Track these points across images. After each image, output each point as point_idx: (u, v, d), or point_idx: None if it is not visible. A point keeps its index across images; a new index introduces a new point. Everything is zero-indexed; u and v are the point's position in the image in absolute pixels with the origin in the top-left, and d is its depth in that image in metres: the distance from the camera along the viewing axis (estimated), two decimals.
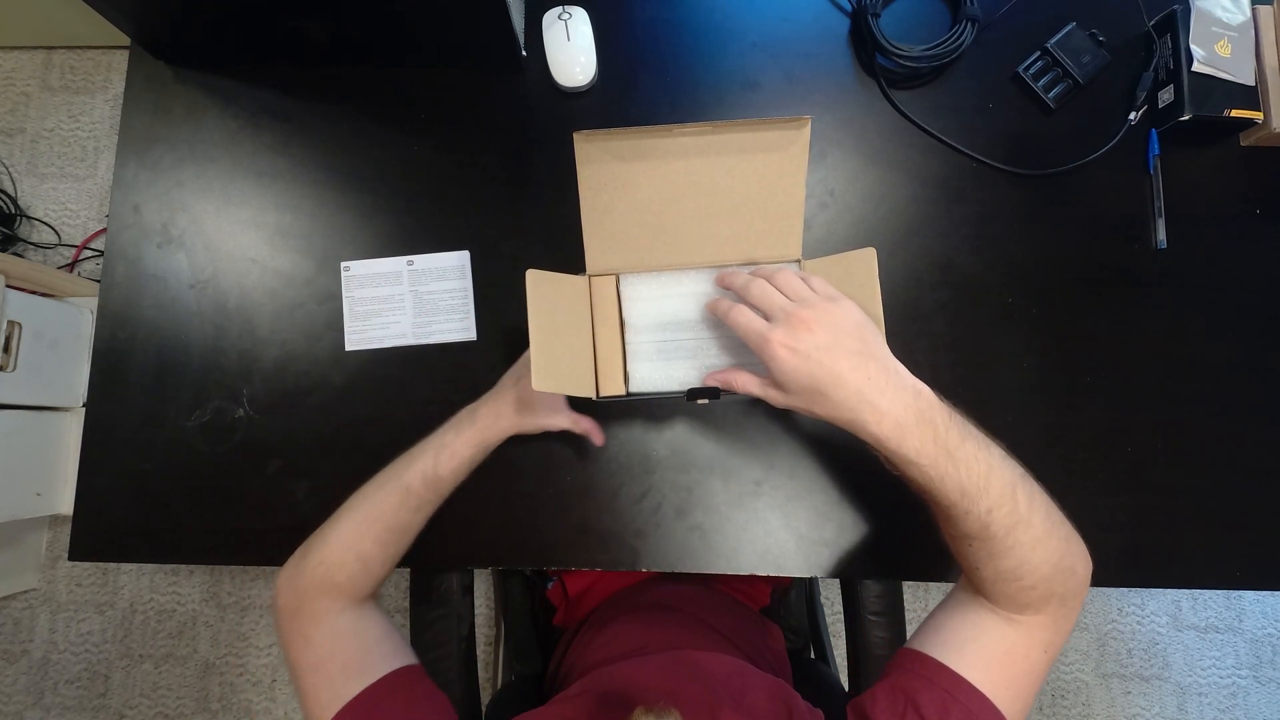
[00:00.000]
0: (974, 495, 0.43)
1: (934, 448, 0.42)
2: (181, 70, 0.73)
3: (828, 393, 0.42)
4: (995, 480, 0.43)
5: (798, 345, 0.43)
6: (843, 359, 0.42)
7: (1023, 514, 0.43)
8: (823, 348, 0.43)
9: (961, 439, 0.43)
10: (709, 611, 0.71)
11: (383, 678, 0.49)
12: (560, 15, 0.70)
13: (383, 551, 0.56)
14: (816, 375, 0.42)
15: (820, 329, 0.43)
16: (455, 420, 0.59)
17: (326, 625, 0.53)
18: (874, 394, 0.42)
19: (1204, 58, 0.68)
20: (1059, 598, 0.46)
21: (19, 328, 1.18)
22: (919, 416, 0.43)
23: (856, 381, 0.42)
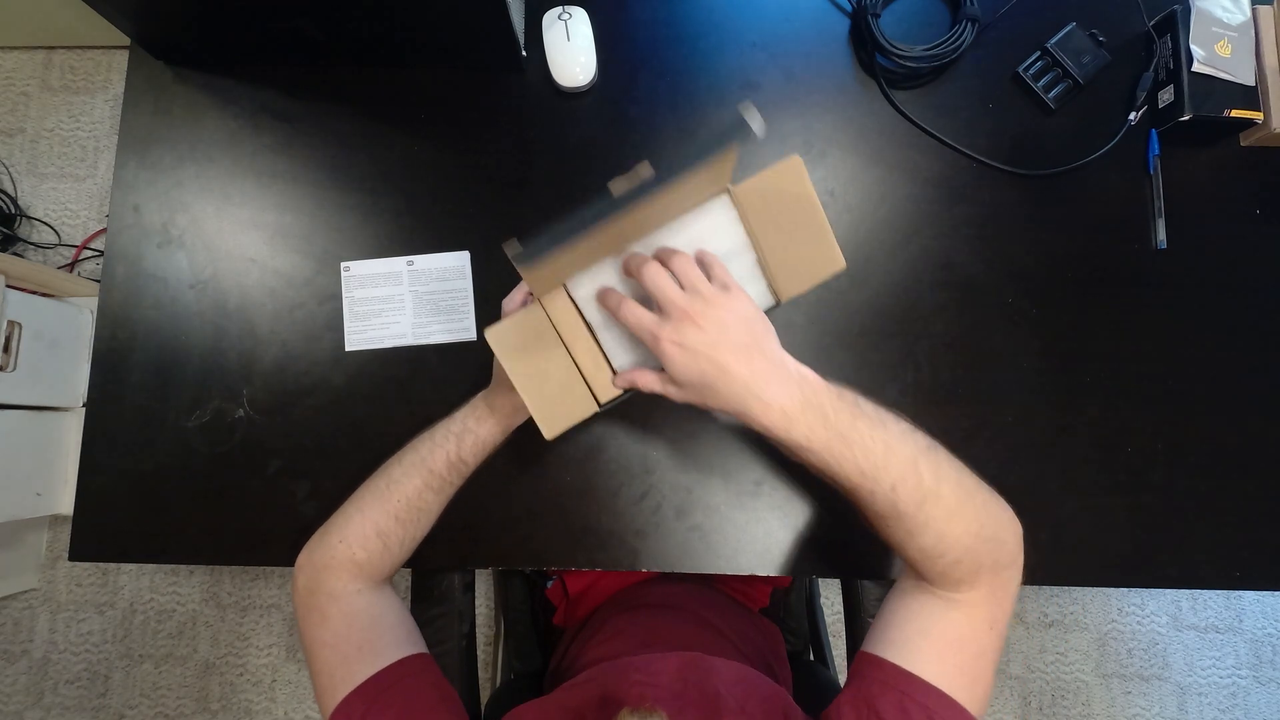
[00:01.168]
0: (873, 474, 0.43)
1: (824, 432, 0.43)
2: (181, 70, 0.73)
3: (716, 387, 0.44)
4: (894, 457, 0.44)
5: (685, 342, 0.44)
6: (728, 354, 0.43)
7: (929, 487, 0.44)
8: (709, 344, 0.43)
9: (853, 420, 0.44)
10: (710, 611, 0.71)
11: (395, 663, 0.50)
12: (560, 15, 0.70)
13: (402, 530, 0.56)
14: (705, 371, 0.43)
15: (708, 324, 0.44)
16: (472, 407, 0.59)
17: (344, 604, 0.53)
18: (759, 386, 0.43)
19: (1204, 58, 0.68)
20: (989, 569, 0.46)
21: (19, 328, 1.18)
22: (805, 403, 0.43)
23: (742, 375, 0.43)
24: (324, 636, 0.52)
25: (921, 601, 0.47)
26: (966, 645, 0.46)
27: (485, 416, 0.58)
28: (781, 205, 0.50)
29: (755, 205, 0.51)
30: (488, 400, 0.59)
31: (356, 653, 0.50)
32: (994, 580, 0.46)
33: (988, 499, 0.47)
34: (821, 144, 0.72)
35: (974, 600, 0.46)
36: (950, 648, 0.45)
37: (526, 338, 0.50)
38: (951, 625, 0.46)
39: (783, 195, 0.50)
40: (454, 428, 0.58)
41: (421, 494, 0.57)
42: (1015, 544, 0.47)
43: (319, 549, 0.56)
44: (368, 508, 0.56)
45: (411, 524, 0.57)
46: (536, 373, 0.50)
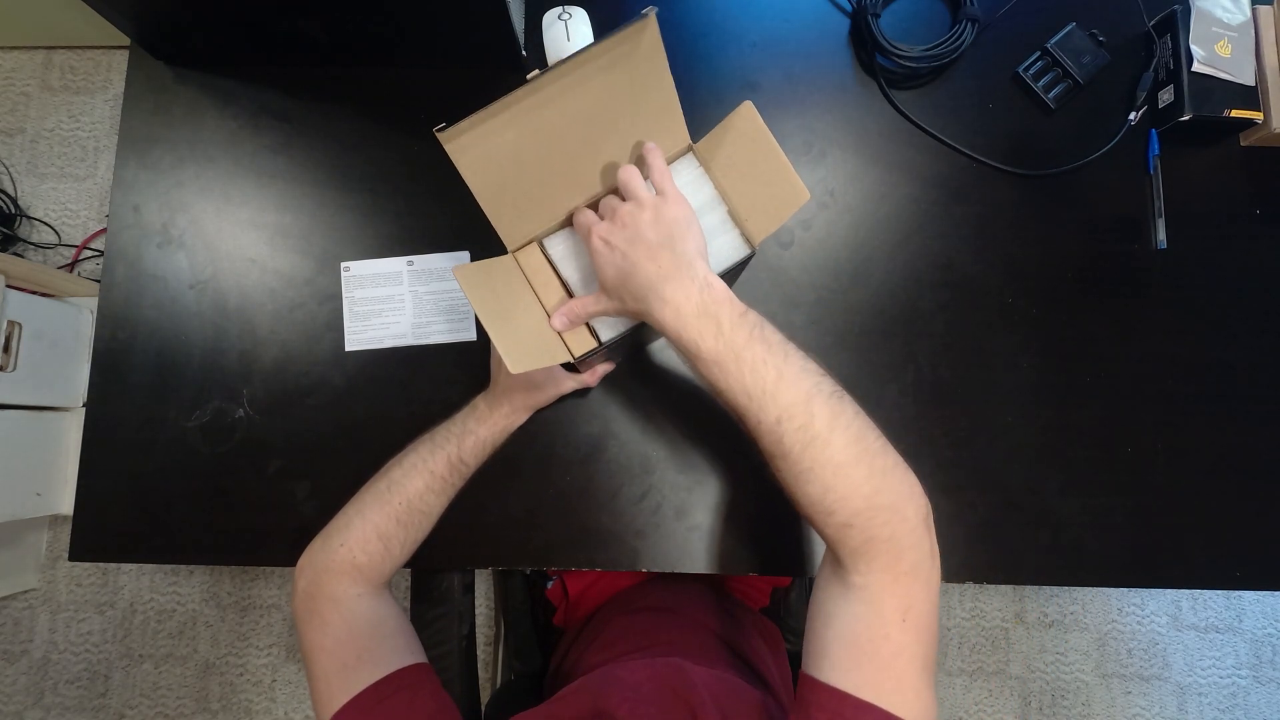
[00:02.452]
0: (760, 401, 0.42)
1: (714, 342, 0.43)
2: (181, 70, 0.73)
3: (626, 283, 0.45)
4: (786, 389, 0.42)
5: (610, 238, 0.46)
6: (641, 249, 0.45)
7: (819, 431, 0.42)
8: (627, 239, 0.46)
9: (749, 340, 0.43)
10: (709, 614, 0.70)
11: (394, 673, 0.50)
12: (560, 15, 0.70)
13: (404, 533, 0.56)
14: (620, 266, 0.46)
15: (632, 223, 0.46)
16: (471, 409, 0.59)
17: (345, 609, 0.53)
18: (660, 282, 0.44)
19: (1204, 58, 0.68)
20: (886, 543, 0.42)
21: (19, 328, 1.18)
22: (702, 309, 0.44)
23: (648, 271, 0.45)
24: (323, 642, 0.52)
25: (833, 596, 0.45)
26: (880, 645, 0.42)
27: (485, 417, 0.58)
28: (741, 150, 0.52)
29: (717, 156, 0.53)
30: (488, 401, 0.59)
31: (355, 661, 0.50)
32: (895, 563, 0.42)
33: (890, 465, 0.44)
34: (821, 144, 0.72)
35: (876, 588, 0.43)
36: (865, 650, 0.42)
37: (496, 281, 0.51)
38: (861, 623, 0.43)
39: (740, 139, 0.52)
40: (454, 429, 0.58)
41: (423, 496, 0.57)
42: (917, 520, 0.43)
43: (320, 552, 0.55)
44: (368, 510, 0.56)
45: (413, 526, 0.57)
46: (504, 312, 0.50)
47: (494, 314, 0.48)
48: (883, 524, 0.42)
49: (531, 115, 0.48)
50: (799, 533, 0.65)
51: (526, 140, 0.49)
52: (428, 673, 0.52)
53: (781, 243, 0.70)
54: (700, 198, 0.53)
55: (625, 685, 0.52)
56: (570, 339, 0.52)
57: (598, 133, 0.51)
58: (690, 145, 0.54)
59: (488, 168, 0.49)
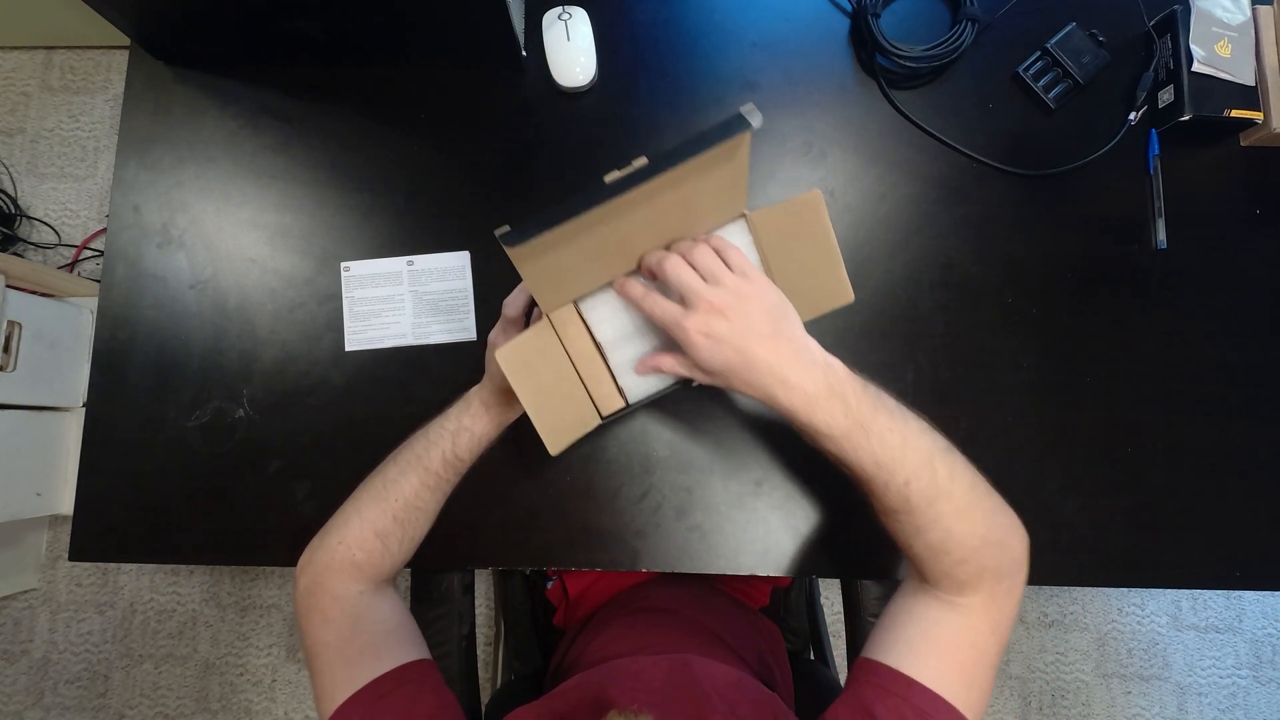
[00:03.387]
0: (889, 467, 0.44)
1: (845, 420, 0.44)
2: (181, 70, 0.73)
3: (742, 374, 0.45)
4: (911, 452, 0.44)
5: (712, 332, 0.44)
6: (754, 342, 0.44)
7: (943, 486, 0.45)
8: (736, 332, 0.44)
9: (874, 411, 0.45)
10: (709, 614, 0.71)
11: (396, 668, 0.50)
12: (560, 15, 0.70)
13: (401, 530, 0.56)
14: (731, 360, 0.44)
15: (733, 314, 0.44)
16: (465, 404, 0.59)
17: (348, 606, 0.53)
18: (784, 370, 0.44)
19: (1204, 58, 0.68)
20: (993, 573, 0.46)
21: (19, 328, 1.18)
22: (829, 390, 0.44)
23: (767, 361, 0.44)
24: (326, 638, 0.52)
25: (923, 605, 0.47)
26: (965, 649, 0.46)
27: (480, 414, 0.58)
28: (797, 236, 0.50)
29: (770, 233, 0.51)
30: (482, 397, 0.59)
31: (358, 656, 0.50)
32: (996, 586, 0.46)
33: (998, 506, 0.48)
34: (821, 144, 0.72)
35: (975, 605, 0.46)
36: (949, 651, 0.45)
37: (533, 355, 0.50)
38: (951, 628, 0.46)
39: (799, 226, 0.50)
40: (449, 425, 0.58)
41: (419, 493, 0.56)
42: (1021, 552, 0.48)
43: (319, 551, 0.55)
44: (365, 509, 0.56)
45: (410, 524, 0.57)
46: (543, 390, 0.50)
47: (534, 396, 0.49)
48: (993, 558, 0.46)
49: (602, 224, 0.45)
50: (799, 534, 0.65)
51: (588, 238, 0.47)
52: (430, 668, 0.52)
53: None
54: None
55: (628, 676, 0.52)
56: (600, 400, 0.52)
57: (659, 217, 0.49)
58: (744, 213, 0.52)
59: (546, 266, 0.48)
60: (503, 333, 0.56)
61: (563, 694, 0.53)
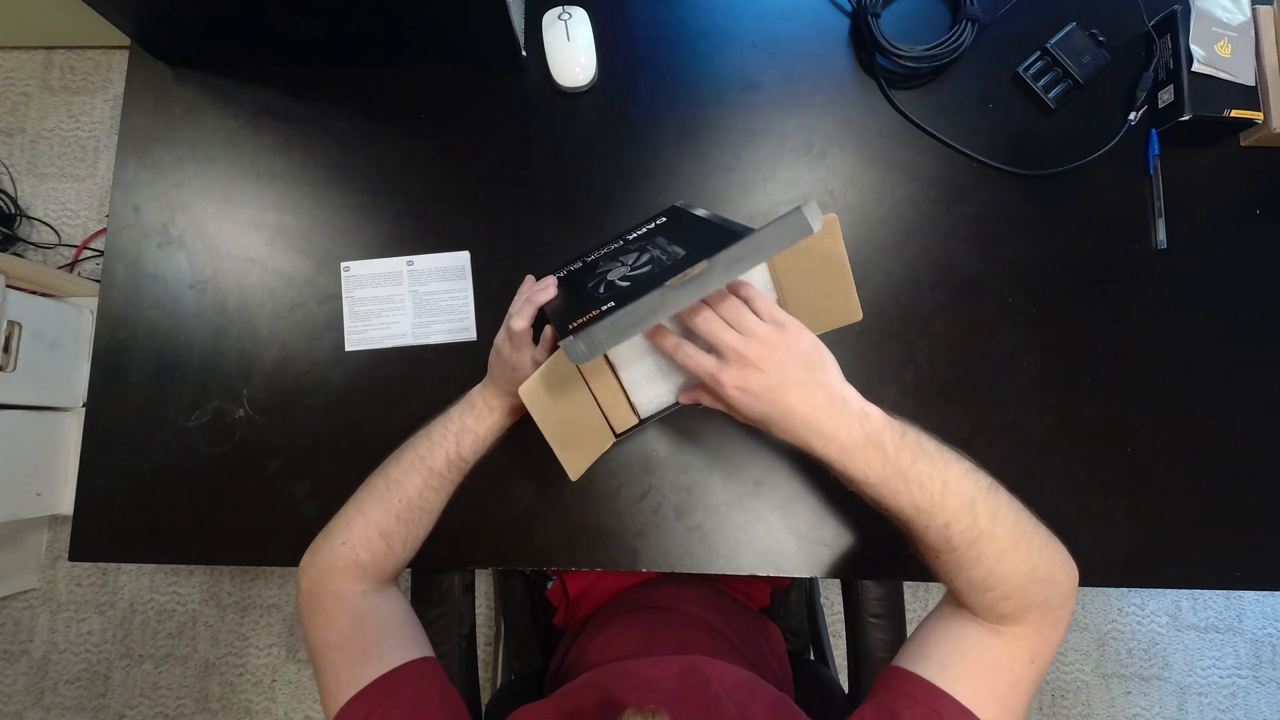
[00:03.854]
0: (929, 511, 0.44)
1: (883, 469, 0.44)
2: (181, 70, 0.73)
3: (779, 424, 0.45)
4: (951, 496, 0.44)
5: (748, 386, 0.44)
6: (791, 393, 0.44)
7: (984, 527, 0.44)
8: (772, 386, 0.44)
9: (914, 459, 0.44)
10: (710, 613, 0.70)
11: (401, 665, 0.50)
12: (560, 15, 0.70)
13: (405, 530, 0.57)
14: (768, 412, 0.45)
15: (768, 367, 0.44)
16: (468, 404, 0.59)
17: (350, 605, 0.53)
18: (820, 421, 0.44)
19: (1204, 58, 0.68)
20: (1039, 607, 0.45)
21: (19, 328, 1.18)
22: (866, 440, 0.44)
23: (804, 412, 0.44)
24: (330, 638, 0.52)
25: (963, 626, 0.47)
26: (1002, 673, 0.45)
27: (484, 415, 0.58)
28: (810, 258, 0.51)
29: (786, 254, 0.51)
30: (485, 398, 0.59)
31: (362, 655, 0.50)
32: (1043, 619, 0.46)
33: (1045, 541, 0.47)
34: (821, 144, 0.72)
35: (1018, 633, 0.46)
36: (986, 672, 0.45)
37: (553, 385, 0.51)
38: (989, 650, 0.46)
39: (813, 249, 0.50)
40: (452, 426, 0.58)
41: (422, 493, 0.57)
42: (1069, 587, 0.47)
43: (322, 551, 0.55)
44: (369, 509, 0.56)
45: (414, 523, 0.57)
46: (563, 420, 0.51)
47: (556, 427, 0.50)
48: (1039, 593, 0.45)
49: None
50: (799, 534, 0.65)
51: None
52: (434, 665, 0.53)
53: None
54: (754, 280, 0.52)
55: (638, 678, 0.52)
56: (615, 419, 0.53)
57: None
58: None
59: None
60: (508, 342, 0.56)
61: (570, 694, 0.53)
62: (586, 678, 0.55)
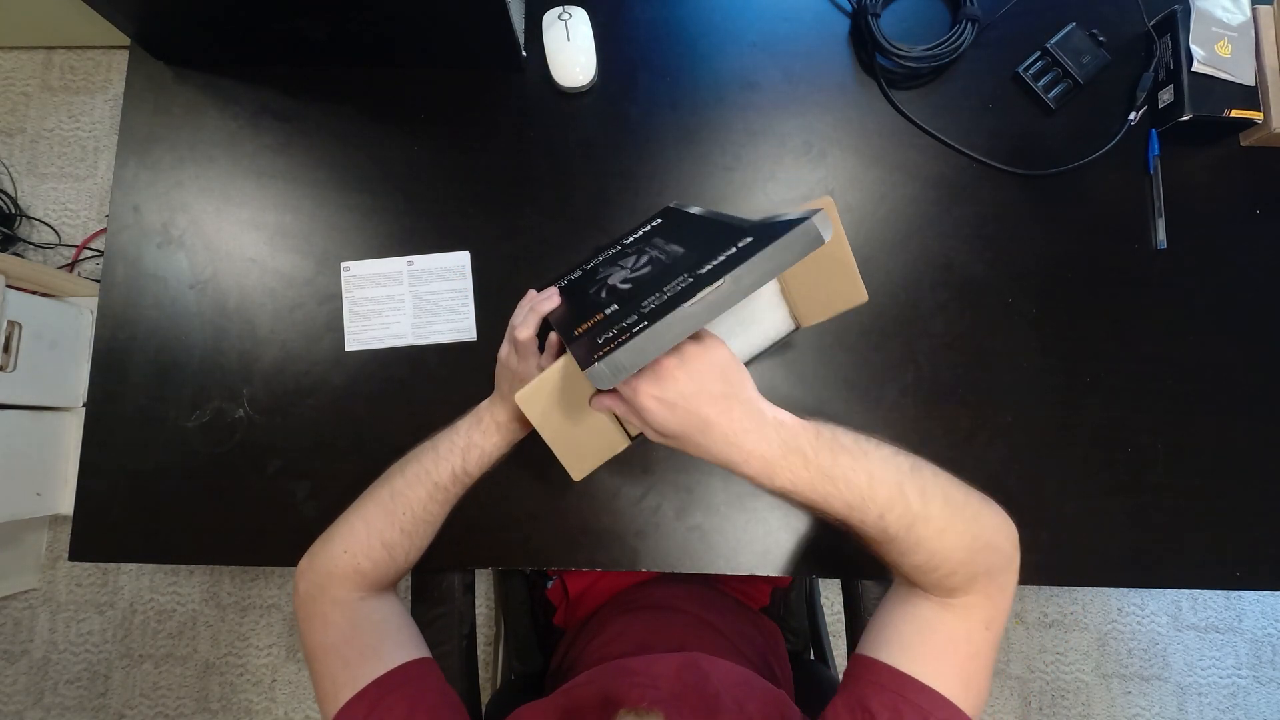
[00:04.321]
0: (861, 507, 0.43)
1: (807, 473, 0.43)
2: (181, 70, 0.73)
3: (697, 439, 0.43)
4: (879, 487, 0.44)
5: (664, 395, 0.43)
6: (707, 405, 0.43)
7: (917, 510, 0.44)
8: (688, 395, 0.43)
9: (834, 457, 0.44)
10: (711, 612, 0.70)
11: (398, 666, 0.50)
12: (560, 15, 0.70)
13: (408, 541, 0.57)
14: (685, 422, 0.43)
15: (684, 375, 0.43)
16: (476, 420, 0.59)
17: (348, 609, 0.53)
18: (739, 436, 0.43)
19: (1204, 58, 0.68)
20: (984, 575, 0.46)
21: (19, 328, 1.18)
22: (785, 448, 0.43)
23: (721, 426, 0.43)
24: (327, 641, 0.52)
25: (916, 604, 0.47)
26: (961, 646, 0.46)
27: (491, 431, 0.58)
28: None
29: None
30: (493, 414, 0.59)
31: (359, 657, 0.50)
32: (989, 585, 0.46)
33: (979, 508, 0.47)
34: (821, 144, 0.72)
35: (970, 603, 0.46)
36: (945, 648, 0.46)
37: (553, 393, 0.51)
38: (945, 626, 0.46)
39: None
40: (459, 441, 0.57)
41: (427, 506, 0.57)
42: (1011, 548, 0.47)
43: (321, 556, 0.55)
44: (372, 519, 0.56)
45: (417, 535, 0.57)
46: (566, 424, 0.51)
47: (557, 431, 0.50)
48: (983, 562, 0.45)
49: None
50: (799, 534, 0.65)
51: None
52: (431, 666, 0.53)
53: None
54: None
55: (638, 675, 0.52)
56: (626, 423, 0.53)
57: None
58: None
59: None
60: (514, 353, 0.56)
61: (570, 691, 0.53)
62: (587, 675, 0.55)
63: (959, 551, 0.45)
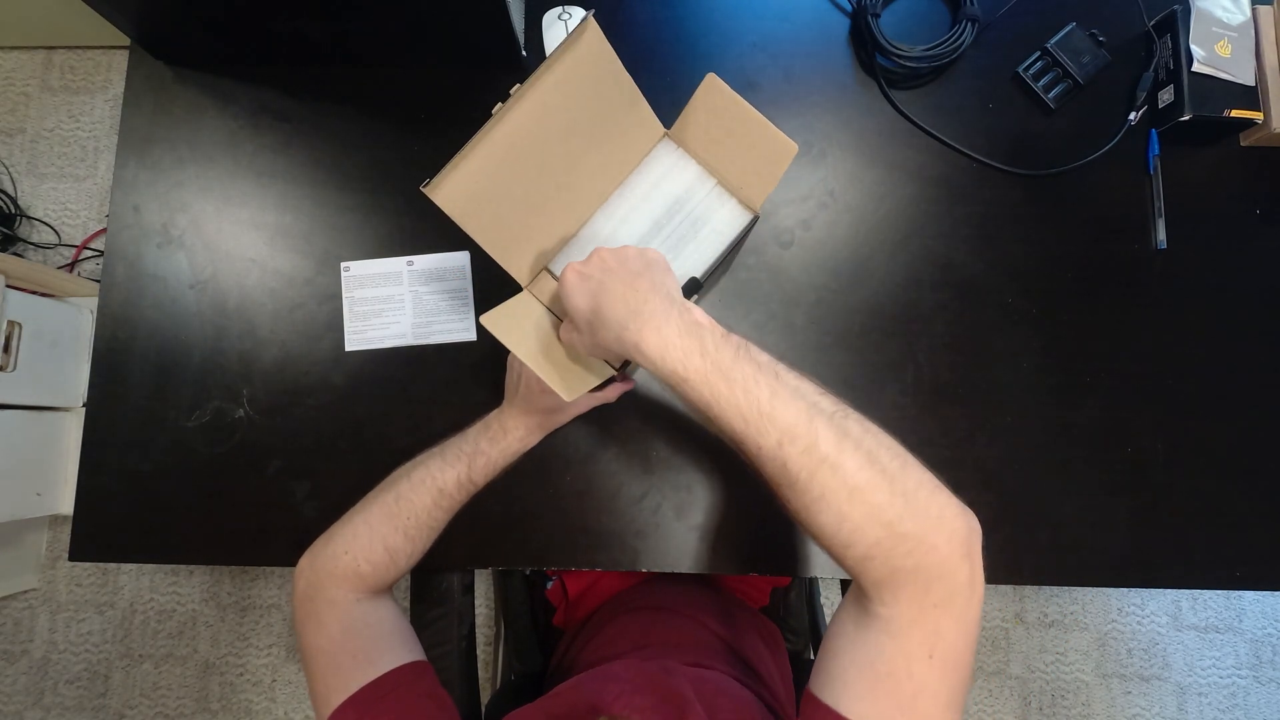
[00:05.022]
0: (756, 422, 0.39)
1: (701, 361, 0.40)
2: (181, 70, 0.73)
3: (602, 311, 0.44)
4: (783, 407, 0.39)
5: (584, 269, 0.46)
6: (618, 278, 0.45)
7: (826, 452, 0.37)
8: (603, 269, 0.46)
9: (736, 358, 0.41)
10: (709, 613, 0.70)
11: (390, 671, 0.50)
12: (560, 15, 0.70)
13: (410, 545, 0.57)
14: (595, 294, 0.45)
15: (610, 256, 0.46)
16: (484, 427, 0.59)
17: (343, 612, 0.53)
18: (638, 303, 0.43)
19: (1204, 58, 0.68)
20: (910, 576, 0.37)
21: (19, 328, 1.18)
22: (683, 329, 0.42)
23: (624, 295, 0.44)
24: (320, 643, 0.52)
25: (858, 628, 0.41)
26: (902, 682, 0.38)
27: (499, 438, 0.58)
28: (716, 122, 0.52)
29: (694, 134, 0.53)
30: (502, 422, 0.59)
31: (352, 660, 0.50)
32: (922, 597, 0.38)
33: (913, 487, 0.38)
34: (821, 144, 0.72)
35: (902, 620, 0.38)
36: (884, 684, 0.39)
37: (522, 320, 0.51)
38: (881, 655, 0.39)
39: (712, 113, 0.52)
40: (466, 448, 0.58)
41: (431, 512, 0.57)
42: (949, 549, 0.38)
43: (322, 555, 0.56)
44: (376, 522, 0.56)
45: (419, 540, 0.57)
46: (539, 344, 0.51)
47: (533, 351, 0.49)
48: (906, 554, 0.37)
49: (506, 145, 0.49)
50: (798, 533, 0.65)
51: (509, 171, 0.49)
52: (425, 670, 0.53)
53: (781, 243, 0.70)
54: (686, 177, 0.53)
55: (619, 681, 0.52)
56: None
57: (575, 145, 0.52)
58: (665, 132, 0.54)
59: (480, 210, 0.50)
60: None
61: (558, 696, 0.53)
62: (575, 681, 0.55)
63: (874, 527, 0.37)
